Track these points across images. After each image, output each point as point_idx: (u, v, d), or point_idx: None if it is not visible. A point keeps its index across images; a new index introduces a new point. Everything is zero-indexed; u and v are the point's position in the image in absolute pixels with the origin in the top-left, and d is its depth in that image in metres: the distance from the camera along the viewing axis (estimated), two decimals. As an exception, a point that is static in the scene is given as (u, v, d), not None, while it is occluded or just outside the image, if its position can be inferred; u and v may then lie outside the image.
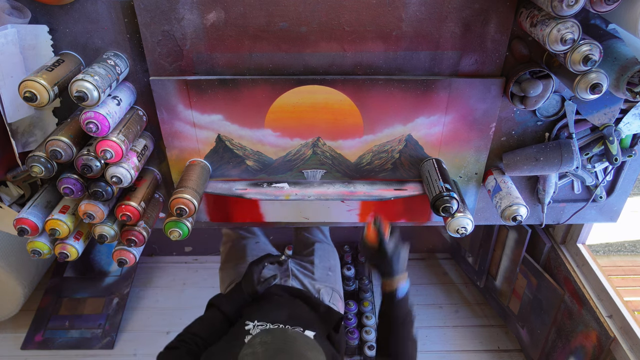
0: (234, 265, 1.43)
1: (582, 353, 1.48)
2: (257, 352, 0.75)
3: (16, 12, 0.91)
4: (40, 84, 0.84)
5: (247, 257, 1.45)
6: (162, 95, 1.02)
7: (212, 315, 1.10)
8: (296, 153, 1.11)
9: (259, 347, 0.75)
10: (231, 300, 1.14)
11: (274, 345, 0.76)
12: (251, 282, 1.15)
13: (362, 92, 1.02)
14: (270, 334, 0.78)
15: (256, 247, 1.51)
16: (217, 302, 1.13)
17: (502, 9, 0.94)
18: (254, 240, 1.55)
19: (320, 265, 1.43)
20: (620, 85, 0.88)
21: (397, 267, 0.99)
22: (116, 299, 2.08)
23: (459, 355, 1.94)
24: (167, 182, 1.19)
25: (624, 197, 1.24)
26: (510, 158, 1.11)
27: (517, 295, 1.83)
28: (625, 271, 2.47)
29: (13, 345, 1.95)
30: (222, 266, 1.51)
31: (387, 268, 0.99)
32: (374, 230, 0.99)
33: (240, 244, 1.52)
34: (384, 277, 1.00)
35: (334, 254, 1.57)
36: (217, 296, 1.16)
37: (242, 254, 1.47)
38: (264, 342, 0.77)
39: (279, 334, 0.79)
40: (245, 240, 1.54)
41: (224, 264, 1.50)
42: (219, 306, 1.11)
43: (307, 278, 1.36)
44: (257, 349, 0.75)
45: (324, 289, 1.33)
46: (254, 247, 1.51)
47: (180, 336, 1.03)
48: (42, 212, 1.04)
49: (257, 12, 0.94)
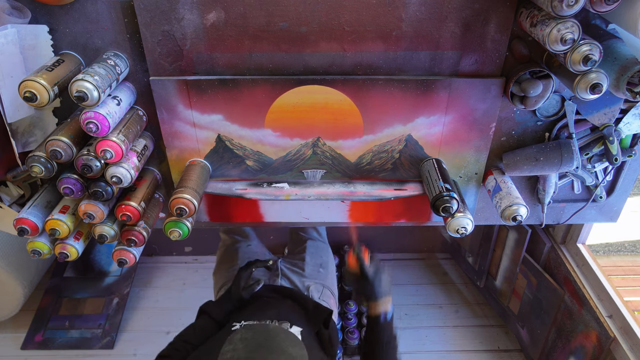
0: (225, 269, 1.44)
1: (582, 353, 1.48)
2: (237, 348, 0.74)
3: (16, 12, 0.91)
4: (40, 84, 0.84)
5: (239, 260, 1.45)
6: (162, 95, 1.02)
7: (203, 322, 1.10)
8: (296, 153, 1.12)
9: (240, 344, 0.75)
10: (221, 306, 1.13)
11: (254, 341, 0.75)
12: (237, 288, 1.16)
13: (362, 92, 1.02)
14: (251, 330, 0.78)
15: (248, 250, 1.52)
16: (208, 308, 1.13)
17: (502, 9, 0.94)
18: (246, 243, 1.56)
19: (311, 262, 1.43)
20: (620, 85, 0.88)
21: (380, 290, 1.04)
22: (116, 299, 2.08)
23: (459, 355, 1.94)
24: (167, 182, 1.19)
25: (624, 197, 1.24)
26: (510, 158, 1.11)
27: (517, 295, 1.83)
28: (625, 271, 2.47)
29: (13, 345, 1.95)
30: (215, 270, 1.52)
31: (371, 292, 1.04)
32: (354, 257, 1.06)
33: (232, 248, 1.53)
34: (369, 300, 1.06)
35: (327, 251, 1.57)
36: (208, 303, 1.16)
37: (234, 258, 1.47)
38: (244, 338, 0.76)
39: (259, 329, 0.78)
40: (238, 244, 1.55)
41: (217, 268, 1.51)
42: (209, 313, 1.11)
43: (297, 275, 1.36)
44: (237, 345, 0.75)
45: (313, 285, 1.33)
46: (246, 250, 1.52)
47: (172, 344, 1.02)
48: (42, 212, 1.04)
49: (257, 12, 0.94)
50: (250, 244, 1.57)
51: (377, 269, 1.06)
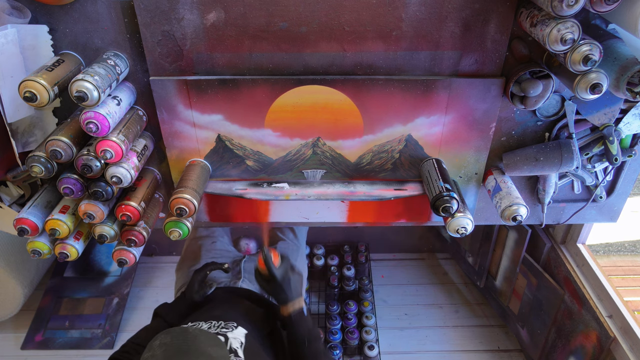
0: (187, 267, 1.40)
1: (582, 353, 1.48)
2: (156, 354, 0.73)
3: (16, 12, 0.91)
4: (40, 84, 0.84)
5: (201, 259, 1.41)
6: (162, 95, 1.02)
7: (156, 324, 1.09)
8: (296, 153, 1.12)
9: (158, 350, 0.74)
10: (175, 308, 1.12)
11: (173, 347, 0.74)
12: (191, 291, 1.14)
13: (362, 92, 1.02)
14: (169, 335, 0.76)
15: (211, 247, 1.47)
16: (162, 311, 1.12)
17: (502, 9, 0.94)
18: (210, 240, 1.50)
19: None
20: (620, 85, 0.88)
21: (290, 293, 1.04)
22: (116, 299, 2.08)
23: (459, 355, 1.94)
24: (167, 182, 1.19)
25: (624, 197, 1.24)
26: (510, 158, 1.11)
27: (517, 295, 1.83)
28: (625, 271, 2.47)
29: (13, 345, 1.95)
30: (177, 266, 1.47)
31: (280, 294, 1.04)
32: (262, 259, 1.05)
33: (195, 245, 1.48)
34: (278, 302, 1.06)
35: (296, 253, 1.54)
36: (162, 305, 1.15)
37: (196, 256, 1.43)
38: (163, 343, 0.75)
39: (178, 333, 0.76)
40: (201, 240, 1.49)
41: (179, 265, 1.47)
42: (163, 316, 1.10)
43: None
44: (156, 351, 0.73)
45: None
46: (209, 247, 1.47)
47: (124, 347, 1.01)
48: (42, 212, 1.04)
49: (257, 12, 0.94)
50: (216, 240, 1.51)
51: (285, 271, 1.05)
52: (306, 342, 1.02)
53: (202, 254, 1.43)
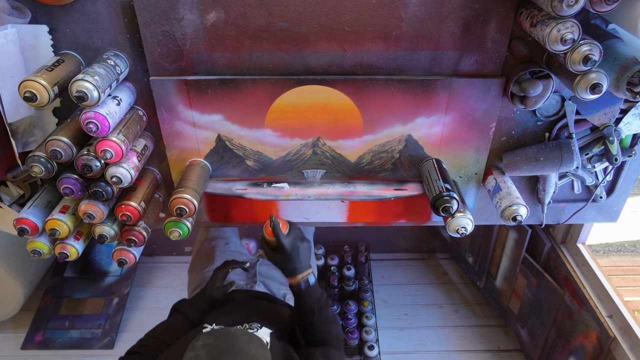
0: (200, 269, 1.40)
1: (582, 353, 1.48)
2: (200, 354, 0.73)
3: (16, 12, 0.91)
4: (40, 84, 0.84)
5: (215, 260, 1.41)
6: (162, 95, 1.02)
7: (175, 320, 1.08)
8: (296, 153, 1.12)
9: (202, 350, 0.74)
10: (194, 305, 1.12)
11: (217, 347, 0.75)
12: (211, 288, 1.14)
13: (362, 92, 1.02)
14: (212, 336, 0.77)
15: (225, 249, 1.47)
16: (181, 307, 1.12)
17: (502, 9, 0.94)
18: (224, 242, 1.50)
19: None
20: (620, 85, 0.88)
21: (298, 264, 0.98)
22: (116, 299, 2.08)
23: (459, 355, 1.94)
24: (167, 182, 1.19)
25: (624, 197, 1.24)
26: (510, 158, 1.11)
27: (517, 295, 1.83)
28: (625, 271, 2.47)
29: (13, 345, 1.95)
30: (190, 267, 1.47)
31: (288, 265, 0.98)
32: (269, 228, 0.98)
33: (208, 246, 1.48)
34: (286, 274, 1.00)
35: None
36: (181, 301, 1.15)
37: (210, 257, 1.43)
38: (206, 344, 0.75)
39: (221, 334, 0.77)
40: (214, 241, 1.49)
41: (192, 266, 1.47)
42: (182, 311, 1.10)
43: (274, 282, 1.34)
44: (199, 351, 0.74)
45: (290, 294, 1.31)
46: (224, 249, 1.46)
47: (143, 341, 1.00)
48: (42, 212, 1.04)
49: (257, 12, 0.94)
50: (229, 242, 1.51)
51: (294, 240, 0.98)
52: (316, 311, 0.99)
53: (217, 255, 1.43)
